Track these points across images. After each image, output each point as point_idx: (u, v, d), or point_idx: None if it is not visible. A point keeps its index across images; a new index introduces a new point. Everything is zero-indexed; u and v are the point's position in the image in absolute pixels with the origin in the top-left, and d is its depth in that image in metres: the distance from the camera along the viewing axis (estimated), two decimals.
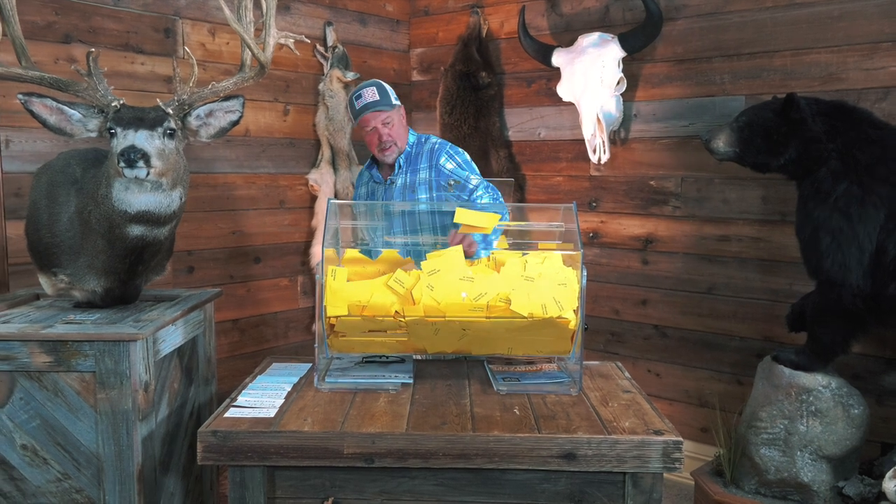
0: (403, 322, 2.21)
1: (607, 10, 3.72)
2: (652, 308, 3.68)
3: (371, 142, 2.87)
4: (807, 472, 2.65)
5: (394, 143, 2.84)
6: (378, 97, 2.81)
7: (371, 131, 2.83)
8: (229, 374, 3.53)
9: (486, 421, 2.02)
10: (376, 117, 2.81)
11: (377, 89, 2.84)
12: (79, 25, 3.14)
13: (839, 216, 2.49)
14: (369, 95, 2.82)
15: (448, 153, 2.90)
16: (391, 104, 2.83)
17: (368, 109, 2.80)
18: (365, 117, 2.81)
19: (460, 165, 2.89)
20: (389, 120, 2.82)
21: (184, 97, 2.30)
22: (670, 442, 1.92)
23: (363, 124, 2.84)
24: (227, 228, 3.74)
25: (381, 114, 2.81)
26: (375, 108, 2.80)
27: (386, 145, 2.83)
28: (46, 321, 2.28)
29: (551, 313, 2.20)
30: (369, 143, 2.89)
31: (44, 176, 2.48)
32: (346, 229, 2.58)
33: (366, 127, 2.84)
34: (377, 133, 2.83)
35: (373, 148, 2.88)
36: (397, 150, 2.87)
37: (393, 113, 2.84)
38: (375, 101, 2.80)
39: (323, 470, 1.99)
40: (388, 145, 2.83)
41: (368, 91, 2.83)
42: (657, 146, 3.61)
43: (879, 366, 3.00)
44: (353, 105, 2.85)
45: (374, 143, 2.85)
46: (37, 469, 2.18)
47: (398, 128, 2.86)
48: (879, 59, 2.95)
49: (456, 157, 2.90)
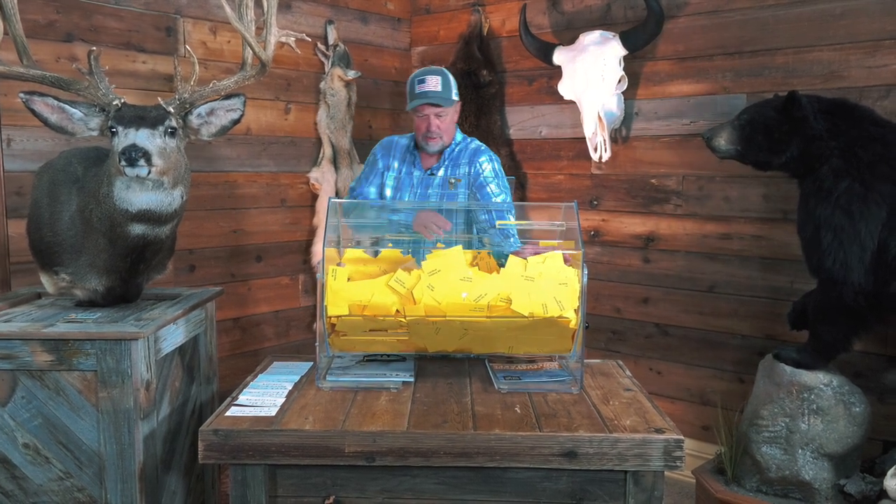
0: (404, 322, 2.21)
1: (609, 8, 3.72)
2: (653, 306, 3.68)
3: (419, 126, 2.82)
4: (808, 470, 2.65)
5: (440, 136, 2.81)
6: (440, 89, 2.77)
7: (422, 118, 2.79)
8: (230, 373, 3.53)
9: (488, 419, 2.02)
10: (432, 108, 2.77)
11: (441, 80, 2.79)
12: (80, 24, 3.14)
13: (841, 214, 2.49)
14: (432, 84, 2.76)
15: (489, 155, 2.89)
16: (451, 100, 2.80)
17: (427, 100, 2.76)
18: (421, 105, 2.77)
19: (495, 171, 2.87)
20: (444, 114, 2.79)
21: (185, 96, 2.30)
22: (671, 440, 1.92)
23: (417, 110, 2.79)
24: (228, 227, 3.74)
25: (437, 107, 2.77)
26: (434, 101, 2.76)
27: (432, 135, 2.80)
28: (48, 320, 2.28)
29: (552, 313, 2.20)
30: (416, 127, 2.84)
31: (45, 175, 2.48)
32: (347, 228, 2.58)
33: (418, 112, 2.80)
34: (428, 121, 2.79)
35: (418, 133, 2.84)
36: (441, 144, 2.84)
37: (449, 108, 2.81)
38: (437, 94, 2.76)
39: (324, 468, 2.00)
40: (435, 136, 2.80)
41: (432, 79, 2.78)
42: (658, 144, 3.60)
43: (881, 364, 3.00)
44: (413, 87, 2.80)
45: (422, 129, 2.81)
46: (39, 468, 2.18)
47: (449, 123, 2.84)
48: (881, 56, 2.94)
49: (493, 163, 2.89)
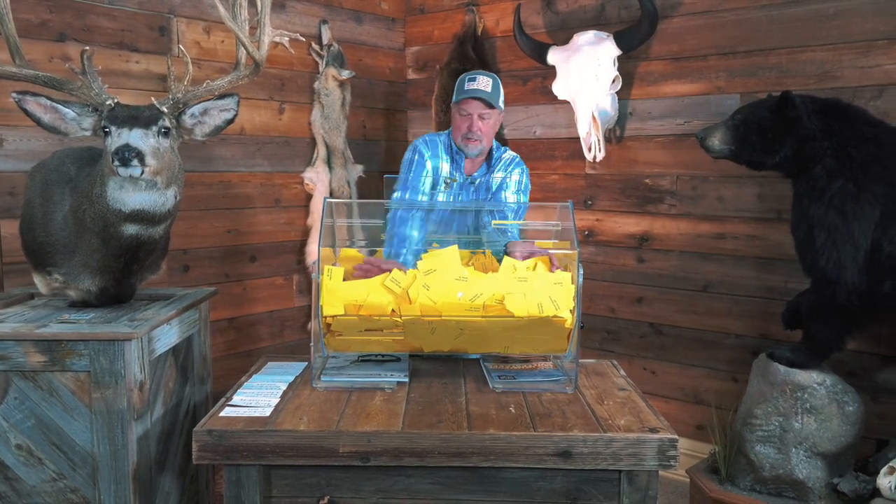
0: (400, 321, 2.21)
1: (603, 8, 3.72)
2: (647, 306, 3.68)
3: (460, 126, 2.77)
4: (802, 469, 2.66)
5: (480, 140, 2.77)
6: (490, 90, 2.74)
7: (465, 116, 2.75)
8: (225, 373, 3.52)
9: (482, 419, 2.02)
10: (479, 107, 2.73)
11: (493, 83, 2.77)
12: (73, 24, 3.13)
13: (834, 214, 2.50)
14: (483, 84, 2.74)
15: (522, 168, 2.88)
16: (498, 105, 2.77)
17: (477, 96, 2.72)
18: (469, 101, 2.73)
19: (519, 183, 2.85)
20: (489, 116, 2.76)
21: (178, 95, 2.30)
22: (666, 440, 1.92)
23: (463, 106, 2.75)
24: (222, 227, 3.73)
25: (484, 107, 2.74)
26: (484, 97, 2.72)
27: (474, 136, 2.75)
28: (41, 320, 2.27)
29: (547, 312, 2.21)
30: (456, 127, 2.79)
31: (38, 175, 2.47)
32: (342, 227, 2.58)
33: (462, 110, 2.75)
34: (471, 121, 2.74)
35: (458, 132, 2.79)
36: (481, 148, 2.79)
37: (495, 112, 2.77)
38: (486, 92, 2.73)
39: (319, 469, 1.99)
40: (476, 138, 2.76)
41: (484, 79, 2.76)
42: (653, 144, 3.61)
43: (874, 363, 3.01)
44: (463, 83, 2.77)
45: (463, 129, 2.76)
46: (32, 469, 2.18)
47: (491, 128, 2.80)
48: (874, 57, 2.95)
49: (522, 176, 2.87)
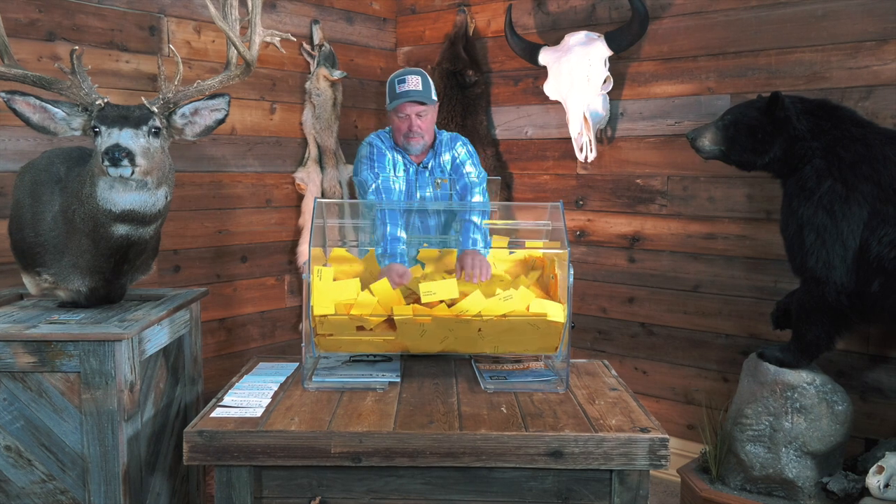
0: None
1: (594, 9, 3.73)
2: (638, 306, 3.69)
3: (399, 127, 2.82)
4: (791, 468, 2.67)
5: (422, 136, 2.82)
6: (421, 88, 2.78)
7: (403, 118, 2.80)
8: (216, 374, 3.51)
9: (474, 419, 2.03)
10: (414, 107, 2.78)
11: (422, 80, 2.80)
12: (62, 23, 3.11)
13: (823, 214, 2.51)
14: (413, 84, 2.78)
15: (462, 140, 2.95)
16: (432, 99, 2.81)
17: (409, 98, 2.76)
18: (402, 104, 2.78)
19: (469, 153, 2.94)
20: (425, 113, 2.80)
21: (169, 95, 2.29)
22: (656, 439, 1.93)
23: (398, 109, 2.79)
24: (213, 227, 3.72)
25: (419, 105, 2.78)
26: (417, 98, 2.76)
27: (413, 134, 2.81)
28: (30, 321, 2.26)
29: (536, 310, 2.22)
30: (396, 128, 2.84)
31: (27, 175, 2.46)
32: (332, 228, 2.58)
33: (399, 112, 2.80)
34: (409, 121, 2.79)
35: (398, 133, 2.84)
36: (423, 143, 2.85)
37: (430, 107, 2.82)
38: (418, 92, 2.77)
39: (310, 469, 1.99)
40: (416, 135, 2.81)
41: (413, 79, 2.79)
42: (643, 145, 3.62)
43: (863, 362, 3.03)
44: (394, 87, 2.80)
45: (403, 129, 2.81)
46: (21, 470, 2.17)
47: (430, 123, 2.85)
48: (863, 58, 2.97)
49: (467, 146, 2.95)
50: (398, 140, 2.87)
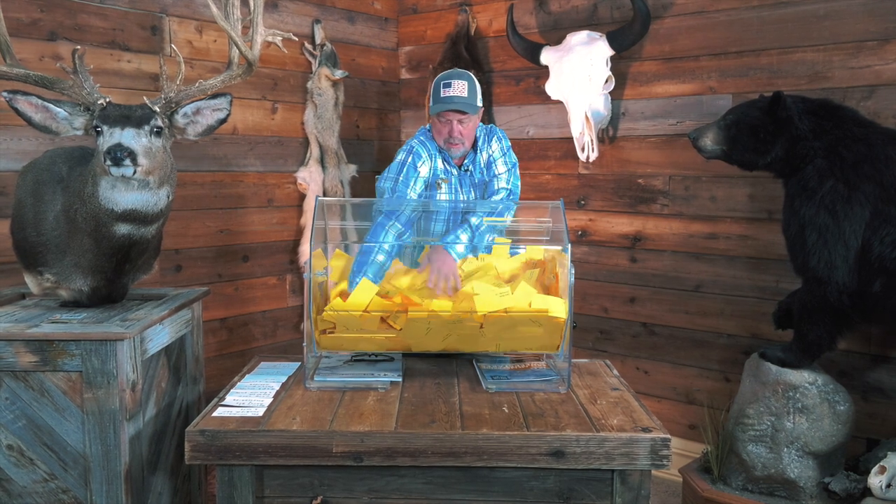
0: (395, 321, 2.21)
1: (595, 9, 3.73)
2: (640, 306, 3.69)
3: (440, 131, 2.78)
4: (793, 468, 2.67)
5: (462, 142, 2.79)
6: (466, 95, 2.72)
7: (444, 122, 2.76)
8: (217, 374, 3.51)
9: (475, 419, 2.03)
10: (456, 115, 2.73)
11: (468, 86, 2.74)
12: (64, 23, 3.12)
13: (825, 214, 2.51)
14: (459, 90, 2.72)
15: (498, 135, 2.92)
16: (475, 107, 2.76)
17: (453, 106, 2.71)
18: (445, 111, 2.73)
19: (502, 149, 2.91)
20: (468, 120, 2.76)
21: (171, 95, 2.29)
22: (658, 439, 1.93)
23: (441, 114, 2.75)
24: (214, 227, 3.72)
25: (462, 114, 2.73)
26: (460, 107, 2.71)
27: (454, 141, 2.77)
28: (32, 321, 2.26)
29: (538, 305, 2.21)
30: (437, 131, 2.80)
31: (29, 174, 2.46)
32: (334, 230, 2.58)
33: (441, 117, 2.75)
34: (450, 127, 2.75)
35: (440, 136, 2.80)
36: (464, 149, 2.81)
37: (473, 115, 2.77)
38: (462, 99, 2.71)
39: (311, 469, 1.99)
40: (457, 142, 2.78)
41: (459, 84, 2.73)
42: (645, 144, 3.62)
43: (865, 362, 3.03)
44: (439, 90, 2.75)
45: (444, 134, 2.77)
46: (23, 469, 2.17)
47: (472, 129, 2.80)
48: (864, 57, 2.97)
49: (501, 142, 2.92)
50: (439, 142, 2.82)
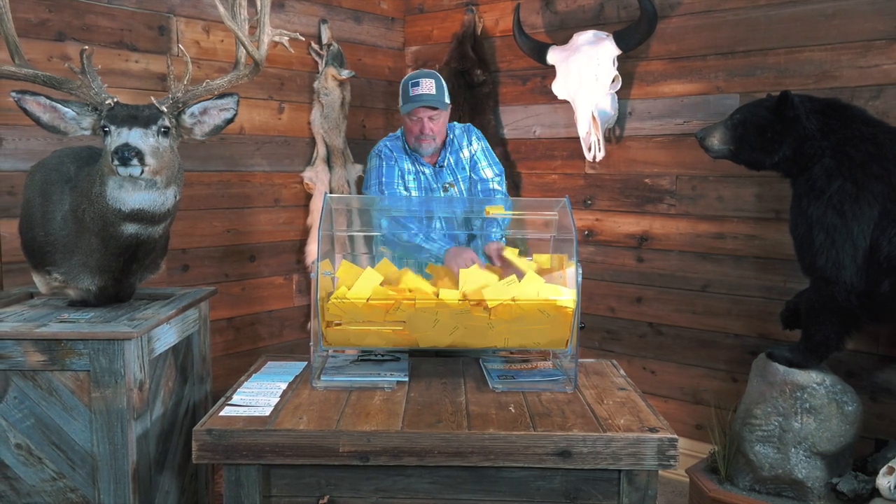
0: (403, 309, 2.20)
1: (602, 8, 3.72)
2: (647, 306, 3.68)
3: (411, 129, 2.84)
4: (801, 468, 2.66)
5: (433, 139, 2.83)
6: (435, 92, 2.78)
7: (415, 121, 2.81)
8: (224, 373, 3.52)
9: (482, 419, 2.03)
10: (426, 111, 2.78)
11: (435, 83, 2.80)
12: (72, 23, 3.13)
13: (833, 213, 2.50)
14: (426, 87, 2.78)
15: (476, 135, 2.96)
16: (445, 103, 2.81)
17: (422, 103, 2.77)
18: (415, 108, 2.78)
19: (484, 150, 2.95)
20: (438, 116, 2.81)
21: (178, 95, 2.30)
22: (665, 439, 1.93)
23: (411, 113, 2.80)
24: (221, 227, 3.73)
25: (432, 110, 2.79)
26: (430, 104, 2.77)
27: (425, 137, 2.82)
28: (40, 320, 2.27)
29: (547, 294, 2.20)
30: (408, 130, 2.86)
31: (38, 174, 2.47)
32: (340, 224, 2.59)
33: (412, 115, 2.81)
34: (421, 124, 2.80)
35: (410, 135, 2.85)
36: (434, 146, 2.86)
37: (444, 111, 2.82)
38: (431, 96, 2.77)
39: (318, 468, 2.00)
40: (428, 138, 2.82)
41: (426, 82, 2.79)
42: (652, 144, 3.61)
43: (873, 362, 3.01)
44: (407, 90, 2.81)
45: (415, 132, 2.82)
46: (31, 468, 2.18)
47: (442, 126, 2.86)
48: (873, 57, 2.96)
49: (481, 142, 2.96)
50: (410, 142, 2.87)
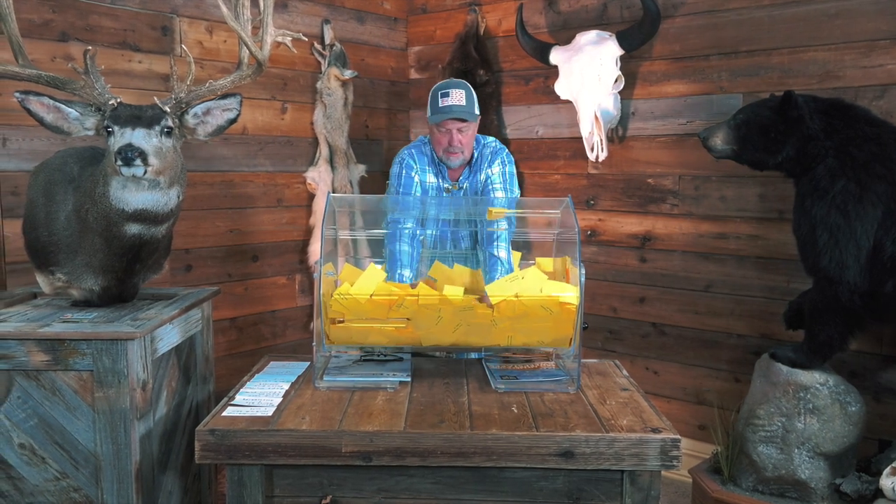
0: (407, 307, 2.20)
1: (605, 8, 3.72)
2: (650, 306, 3.68)
3: (439, 141, 2.78)
4: (804, 469, 2.66)
5: (462, 151, 2.78)
6: (465, 103, 2.72)
7: (444, 132, 2.76)
8: (227, 373, 3.53)
9: (484, 419, 2.03)
10: (456, 123, 2.73)
11: (466, 94, 2.74)
12: (75, 23, 3.13)
13: (837, 213, 2.50)
14: (456, 98, 2.71)
15: (502, 158, 2.87)
16: (474, 115, 2.75)
17: (452, 115, 2.70)
18: (445, 120, 2.73)
19: (503, 175, 2.86)
20: (467, 128, 2.75)
21: (181, 95, 2.30)
22: (668, 440, 1.92)
23: (440, 124, 2.75)
24: (224, 227, 3.73)
25: (461, 122, 2.73)
26: (460, 115, 2.71)
27: (454, 150, 2.77)
28: (44, 320, 2.27)
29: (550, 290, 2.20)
30: (436, 141, 2.80)
31: (41, 174, 2.47)
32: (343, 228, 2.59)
33: (441, 127, 2.75)
34: (450, 136, 2.75)
35: (438, 146, 2.80)
36: (462, 159, 2.81)
37: (473, 123, 2.76)
38: (461, 108, 2.71)
39: (321, 468, 2.00)
40: (457, 151, 2.77)
41: (457, 93, 2.73)
42: (655, 144, 3.61)
43: (876, 363, 3.01)
44: (437, 100, 2.75)
45: (443, 144, 2.77)
46: (34, 468, 2.18)
47: (471, 138, 2.80)
48: (876, 56, 2.95)
49: (504, 167, 2.87)
50: (438, 152, 2.82)
